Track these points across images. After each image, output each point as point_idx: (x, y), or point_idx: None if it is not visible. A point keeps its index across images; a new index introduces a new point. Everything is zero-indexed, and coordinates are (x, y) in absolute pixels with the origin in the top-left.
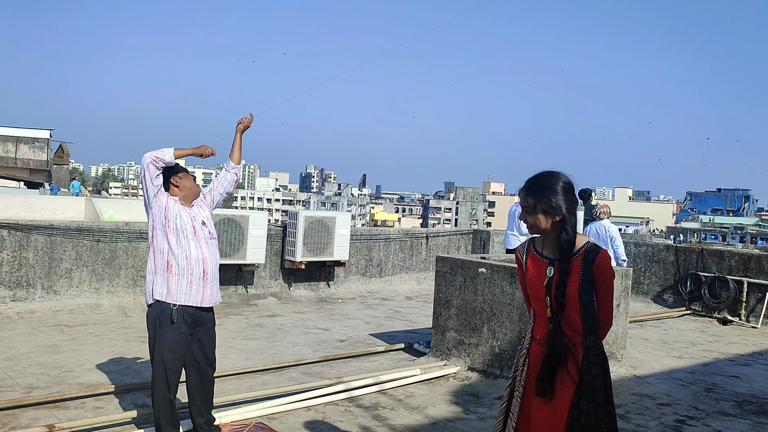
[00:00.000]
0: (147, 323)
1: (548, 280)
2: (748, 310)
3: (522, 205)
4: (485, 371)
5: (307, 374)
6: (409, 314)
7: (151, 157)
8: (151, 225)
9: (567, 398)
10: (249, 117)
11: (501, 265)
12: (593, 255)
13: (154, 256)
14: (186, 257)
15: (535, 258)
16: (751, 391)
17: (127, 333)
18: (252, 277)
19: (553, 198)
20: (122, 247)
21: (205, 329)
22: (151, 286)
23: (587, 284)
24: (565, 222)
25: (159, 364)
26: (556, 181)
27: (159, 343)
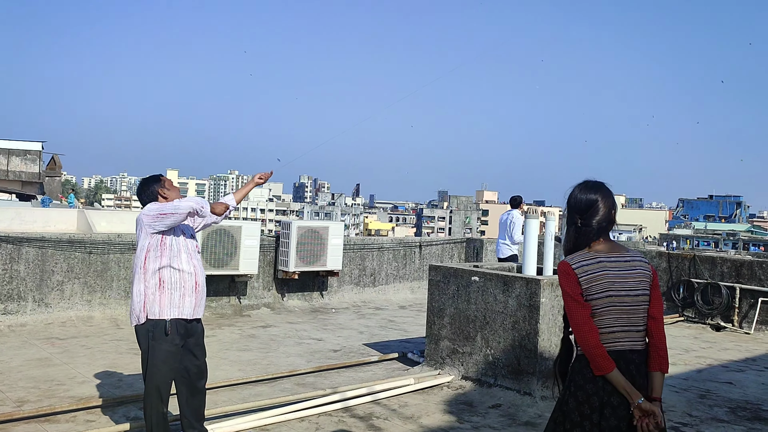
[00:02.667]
0: (138, 338)
1: None
2: (741, 316)
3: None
4: (479, 380)
5: (301, 385)
6: (403, 323)
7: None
8: (143, 246)
9: None
10: (269, 173)
11: (494, 274)
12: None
13: (145, 277)
14: (179, 270)
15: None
16: (745, 397)
17: (120, 345)
18: (245, 287)
19: (568, 209)
20: (114, 259)
21: (196, 340)
22: (140, 306)
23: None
24: (567, 233)
25: (153, 376)
26: (577, 190)
27: (152, 356)
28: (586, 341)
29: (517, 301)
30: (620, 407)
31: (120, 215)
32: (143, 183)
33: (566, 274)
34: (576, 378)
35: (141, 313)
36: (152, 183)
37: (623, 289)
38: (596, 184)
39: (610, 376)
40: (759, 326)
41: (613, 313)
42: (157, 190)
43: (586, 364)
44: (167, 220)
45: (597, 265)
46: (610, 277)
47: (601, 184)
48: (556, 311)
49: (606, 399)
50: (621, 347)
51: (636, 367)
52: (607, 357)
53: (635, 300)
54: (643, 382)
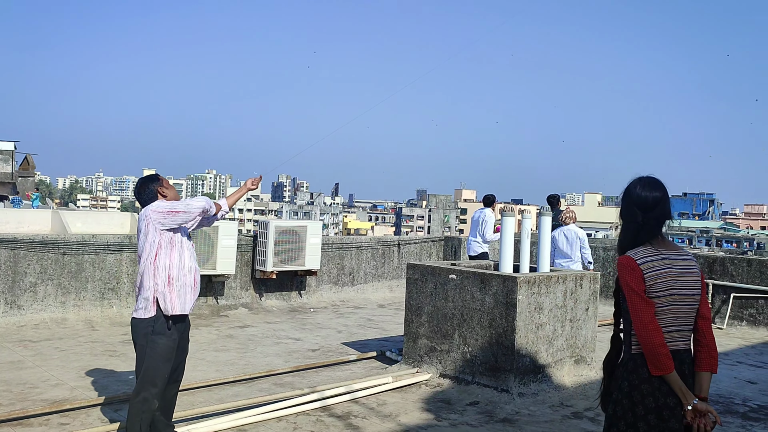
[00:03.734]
0: (135, 334)
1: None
2: (714, 311)
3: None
4: (457, 377)
5: (279, 385)
6: (382, 322)
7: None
8: (154, 242)
9: None
10: (259, 178)
11: (471, 272)
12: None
13: (155, 273)
14: (182, 268)
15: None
16: (717, 391)
17: (94, 347)
18: (222, 287)
19: (622, 206)
20: (89, 260)
21: (187, 335)
22: (150, 301)
23: (618, 292)
24: (623, 230)
25: (153, 370)
26: (631, 183)
27: (153, 350)
28: (652, 340)
29: (494, 298)
30: (677, 408)
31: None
32: (142, 182)
33: (632, 269)
34: (631, 378)
35: (151, 306)
36: (151, 182)
37: (684, 288)
38: (658, 181)
39: (668, 376)
40: (731, 321)
41: (673, 312)
42: (156, 189)
43: (642, 364)
44: (178, 218)
45: (661, 262)
46: (674, 275)
47: (661, 182)
48: (533, 308)
49: (662, 401)
50: (676, 347)
51: (688, 367)
52: (669, 357)
53: (693, 299)
54: (691, 382)
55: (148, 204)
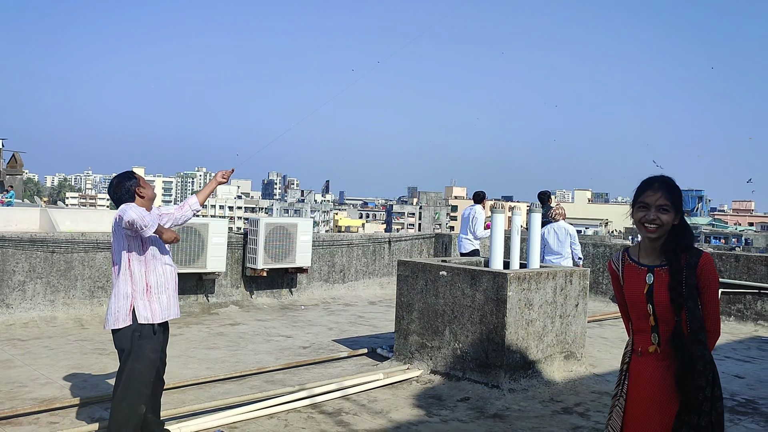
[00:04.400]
0: (118, 340)
1: (648, 287)
2: None
3: (658, 203)
4: (448, 374)
5: (270, 382)
6: (373, 319)
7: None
8: (125, 246)
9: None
10: (230, 171)
11: (461, 268)
12: (696, 258)
13: (132, 279)
14: (163, 273)
15: (632, 267)
16: None
17: (84, 345)
18: (212, 285)
19: (681, 200)
20: (78, 258)
21: (166, 337)
22: (127, 310)
23: (691, 289)
24: (686, 226)
25: (139, 375)
26: (676, 183)
27: (139, 354)
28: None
29: (484, 294)
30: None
31: (85, 214)
32: (118, 181)
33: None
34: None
35: (127, 316)
36: (127, 180)
37: None
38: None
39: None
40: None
41: None
42: (134, 189)
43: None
44: (126, 229)
45: None
46: None
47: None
48: (523, 304)
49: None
50: None
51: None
52: None
53: None
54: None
55: (122, 202)
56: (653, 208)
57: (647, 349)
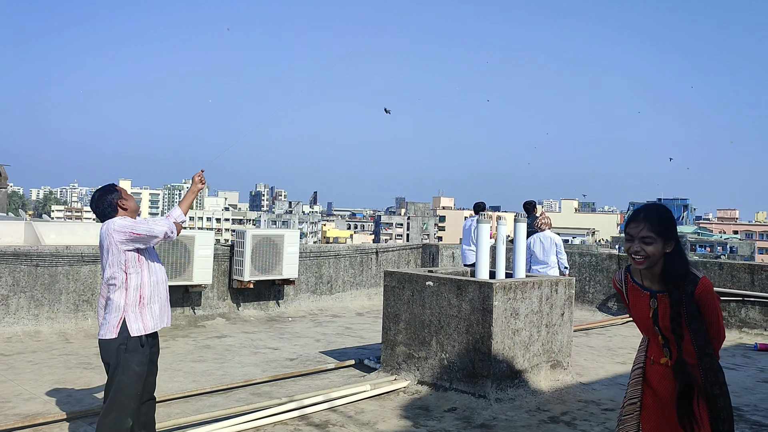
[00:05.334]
0: (105, 353)
1: (653, 311)
2: None
3: (641, 235)
4: (435, 384)
5: (256, 394)
6: (360, 330)
7: (164, 232)
8: (120, 261)
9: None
10: (200, 173)
11: (448, 278)
12: (692, 286)
13: (126, 293)
14: (156, 282)
15: (635, 289)
16: None
17: (69, 360)
18: (199, 298)
19: (671, 229)
20: (63, 272)
21: (157, 349)
22: (117, 321)
23: (693, 313)
24: (680, 253)
25: (126, 389)
26: (667, 211)
27: (127, 368)
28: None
29: (470, 304)
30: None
31: (70, 227)
32: (100, 194)
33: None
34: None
35: (116, 327)
36: (109, 194)
37: None
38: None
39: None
40: None
41: None
42: (116, 202)
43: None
44: (138, 242)
45: None
46: None
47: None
48: (509, 314)
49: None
50: None
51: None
52: None
53: None
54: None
55: (106, 216)
56: (636, 240)
57: (659, 360)
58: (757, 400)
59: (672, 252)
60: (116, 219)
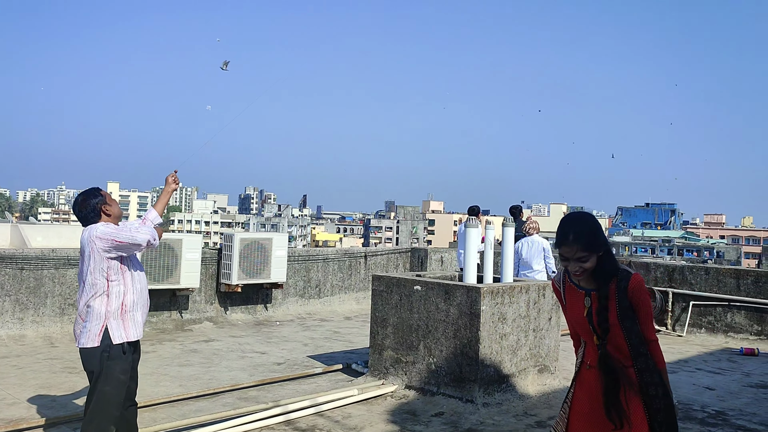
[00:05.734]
0: (88, 359)
1: (588, 310)
2: (674, 319)
3: (576, 257)
4: (422, 389)
5: (243, 399)
6: (348, 334)
7: (146, 240)
8: (102, 269)
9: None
10: (174, 173)
11: (435, 283)
12: (625, 282)
13: (108, 300)
14: (140, 290)
15: (572, 289)
16: (677, 397)
17: (53, 364)
18: (186, 301)
19: (601, 236)
20: (48, 275)
21: (138, 355)
22: (98, 329)
23: (625, 310)
24: (609, 254)
25: (109, 396)
26: (590, 220)
27: (109, 375)
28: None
29: (458, 309)
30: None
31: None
32: (83, 199)
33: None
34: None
35: (97, 337)
36: (93, 198)
37: None
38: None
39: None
40: (691, 329)
41: None
42: (100, 207)
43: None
44: (121, 250)
45: None
46: None
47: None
48: (497, 318)
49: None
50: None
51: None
52: None
53: None
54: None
55: (88, 221)
56: (572, 261)
57: (595, 363)
58: (742, 405)
59: (603, 254)
60: (99, 225)
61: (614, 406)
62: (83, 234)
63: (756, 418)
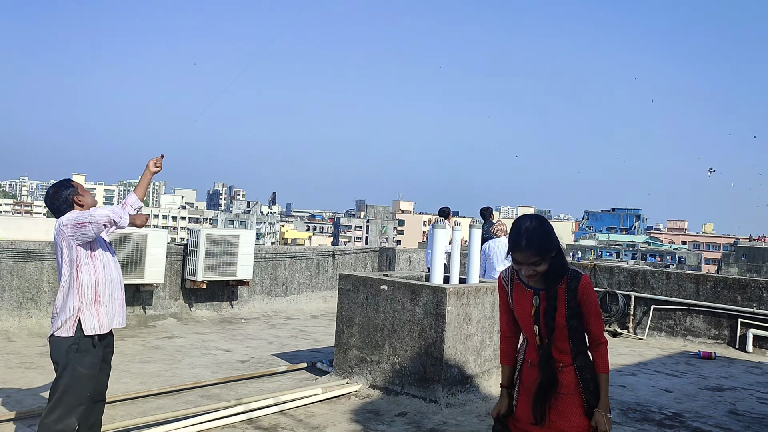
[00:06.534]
0: (56, 351)
1: (535, 309)
2: (635, 322)
3: (529, 262)
4: (386, 388)
5: (205, 397)
6: (314, 333)
7: (110, 219)
8: (72, 258)
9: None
10: (160, 157)
11: (402, 282)
12: (576, 282)
13: (80, 291)
14: (111, 281)
15: (520, 287)
16: (636, 399)
17: (9, 359)
18: (150, 297)
19: (553, 240)
20: (6, 268)
21: (111, 350)
22: (73, 320)
23: (573, 309)
24: (560, 255)
25: (74, 390)
26: (542, 223)
27: (76, 369)
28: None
29: (424, 309)
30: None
31: (18, 221)
32: (55, 190)
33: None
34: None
35: (72, 326)
36: (65, 189)
37: None
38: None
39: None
40: (651, 332)
41: None
42: (72, 197)
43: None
44: (87, 230)
45: None
46: None
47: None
48: (462, 319)
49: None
50: None
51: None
52: None
53: None
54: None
55: (61, 213)
56: (526, 265)
57: (536, 362)
58: (698, 407)
59: (554, 255)
60: (66, 214)
61: (540, 404)
62: (55, 227)
63: (711, 420)
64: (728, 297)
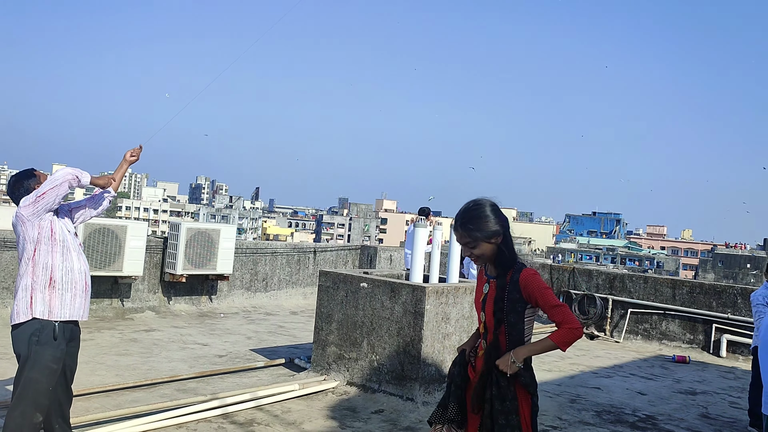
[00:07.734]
0: (17, 341)
1: (484, 296)
2: (612, 325)
3: (463, 242)
4: (364, 385)
5: (181, 391)
6: (293, 329)
7: (71, 176)
8: (32, 238)
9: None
10: (138, 148)
11: (382, 280)
12: (517, 275)
13: (34, 271)
14: (70, 270)
15: (481, 274)
16: (611, 401)
17: None
18: (129, 289)
19: (490, 224)
20: None
21: (76, 343)
22: (26, 303)
23: (514, 303)
24: (505, 241)
25: (34, 383)
26: (485, 207)
27: (37, 361)
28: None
29: (403, 307)
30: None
31: None
32: (16, 179)
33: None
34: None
35: (27, 309)
36: (26, 178)
37: None
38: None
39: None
40: (627, 335)
41: None
42: (33, 187)
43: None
44: (49, 196)
45: None
46: None
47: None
48: (440, 318)
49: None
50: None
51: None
52: None
53: None
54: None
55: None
56: (463, 246)
57: (479, 351)
58: (671, 410)
59: (501, 242)
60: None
61: (477, 393)
62: (14, 217)
63: (683, 423)
64: (704, 302)
